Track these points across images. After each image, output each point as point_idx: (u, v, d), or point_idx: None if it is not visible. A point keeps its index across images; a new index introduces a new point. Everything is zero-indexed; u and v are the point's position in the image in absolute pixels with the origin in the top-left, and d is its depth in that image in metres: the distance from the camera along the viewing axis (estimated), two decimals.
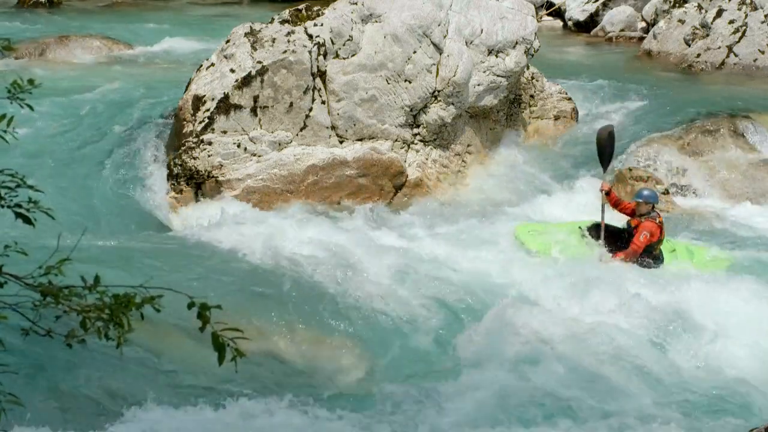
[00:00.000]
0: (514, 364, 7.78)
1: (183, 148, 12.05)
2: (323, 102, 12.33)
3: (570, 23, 23.74)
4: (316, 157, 12.18)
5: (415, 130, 12.85)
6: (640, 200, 10.12)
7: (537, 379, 7.51)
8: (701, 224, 12.05)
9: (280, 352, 8.36)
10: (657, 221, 10.05)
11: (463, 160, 13.36)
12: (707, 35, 18.90)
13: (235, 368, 3.25)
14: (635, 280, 9.65)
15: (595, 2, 23.37)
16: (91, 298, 3.37)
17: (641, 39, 21.21)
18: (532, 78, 14.57)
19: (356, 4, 12.73)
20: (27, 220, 3.52)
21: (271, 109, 12.10)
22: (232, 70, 12.18)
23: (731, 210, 12.75)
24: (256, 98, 12.07)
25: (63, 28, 20.41)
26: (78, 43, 18.57)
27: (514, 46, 13.60)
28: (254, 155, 12.02)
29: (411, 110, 12.69)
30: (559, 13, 24.37)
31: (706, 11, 19.28)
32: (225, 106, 12.04)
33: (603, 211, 10.18)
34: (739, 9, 18.94)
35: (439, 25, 12.93)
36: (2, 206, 3.57)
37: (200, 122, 12.05)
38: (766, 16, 18.71)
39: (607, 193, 10.27)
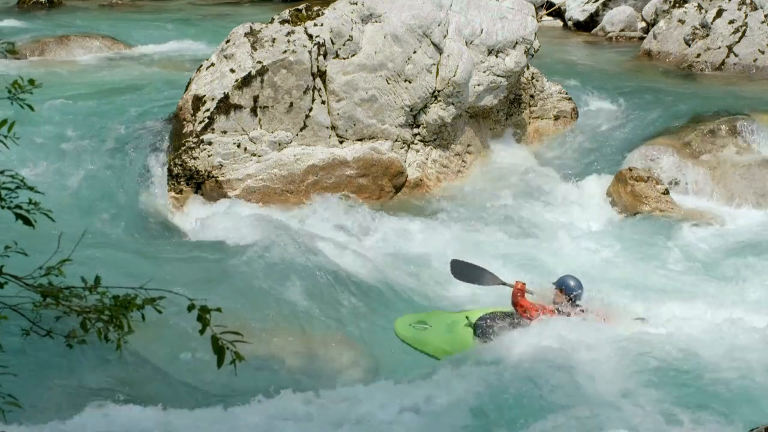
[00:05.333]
0: (516, 363, 7.78)
1: (183, 148, 12.05)
2: (323, 102, 12.33)
3: (570, 23, 23.74)
4: (316, 157, 12.18)
5: (415, 130, 12.86)
6: (556, 287, 8.39)
7: (535, 378, 7.50)
8: (701, 224, 12.05)
9: (280, 352, 8.36)
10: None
11: (463, 160, 13.36)
12: (707, 35, 18.90)
13: (235, 372, 3.24)
14: None
15: (595, 2, 23.37)
16: (91, 299, 3.37)
17: (641, 39, 21.20)
18: (532, 78, 14.57)
19: (356, 4, 12.73)
20: (27, 222, 3.52)
21: (271, 109, 12.10)
22: (232, 70, 12.18)
23: (731, 210, 12.75)
24: (256, 98, 12.07)
25: (63, 28, 20.40)
26: (78, 43, 18.56)
27: (514, 46, 13.61)
28: (254, 155, 12.02)
29: (411, 110, 12.69)
30: (559, 13, 24.37)
31: (706, 11, 19.28)
32: (225, 106, 12.04)
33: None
34: (739, 9, 18.93)
35: (439, 25, 12.93)
36: (2, 207, 3.57)
37: (200, 122, 12.05)
38: (766, 16, 18.70)
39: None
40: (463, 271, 8.87)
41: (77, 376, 6.92)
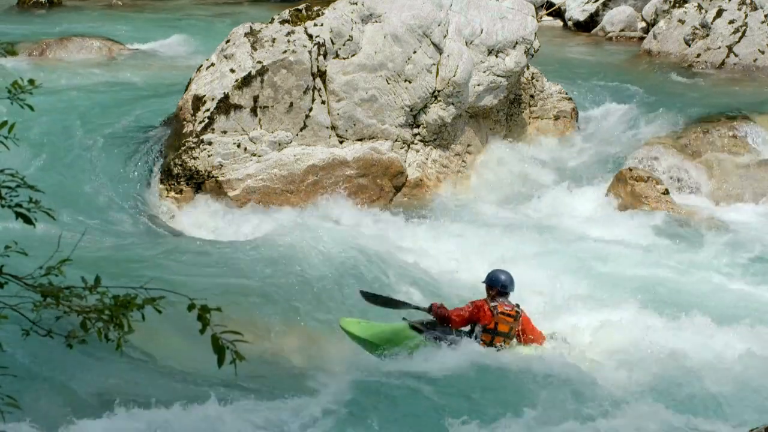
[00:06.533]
0: (515, 363, 7.77)
1: (183, 148, 12.05)
2: (323, 102, 12.33)
3: (570, 23, 23.74)
4: (316, 157, 12.18)
5: (415, 130, 12.85)
6: (485, 284, 8.11)
7: (534, 378, 7.50)
8: (700, 224, 12.05)
9: (280, 351, 8.36)
10: (491, 307, 7.90)
11: (463, 160, 13.36)
12: (707, 35, 18.90)
13: (235, 371, 3.24)
14: None
15: (595, 2, 23.37)
16: (91, 299, 3.36)
17: (641, 39, 21.20)
18: (532, 78, 14.57)
19: (356, 4, 12.73)
20: (27, 220, 3.52)
21: (271, 109, 12.11)
22: (232, 70, 12.18)
23: (731, 210, 12.75)
24: (256, 98, 12.08)
25: (63, 28, 20.40)
26: (78, 43, 18.54)
27: (514, 46, 13.60)
28: (254, 155, 12.02)
29: (411, 110, 12.69)
30: (559, 13, 24.36)
31: (706, 11, 19.28)
32: (225, 106, 12.04)
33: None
34: (739, 9, 18.93)
35: (439, 25, 12.93)
36: (3, 206, 3.56)
37: (200, 122, 12.05)
38: (766, 16, 18.70)
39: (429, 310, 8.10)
40: (373, 299, 8.50)
41: (77, 376, 6.91)
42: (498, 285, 8.00)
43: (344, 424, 6.69)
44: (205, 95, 12.15)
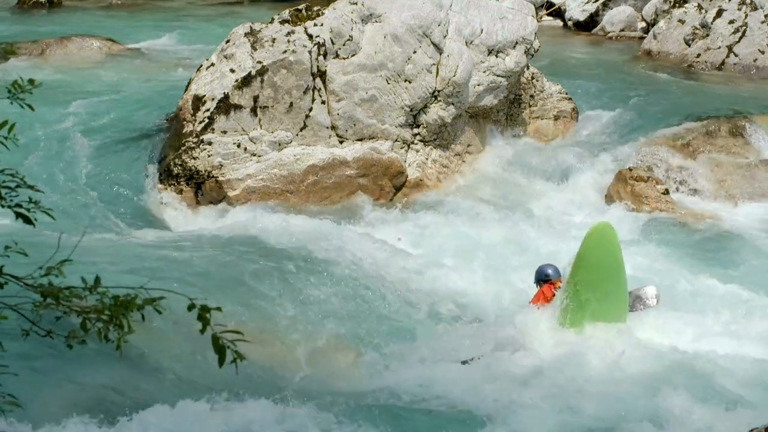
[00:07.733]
0: (514, 365, 7.78)
1: (183, 148, 12.05)
2: (323, 102, 12.33)
3: (570, 23, 23.76)
4: (316, 157, 12.18)
5: (415, 130, 12.85)
6: (543, 281, 9.03)
7: (534, 381, 7.50)
8: (700, 225, 12.05)
9: (280, 352, 8.35)
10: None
11: (463, 160, 13.36)
12: (707, 35, 18.91)
13: (236, 371, 3.24)
14: None
15: (595, 2, 23.38)
16: (91, 299, 3.36)
17: (641, 39, 21.23)
18: (532, 78, 14.57)
19: (356, 4, 12.73)
20: (27, 220, 3.52)
21: (271, 109, 12.11)
22: (232, 70, 12.18)
23: (730, 210, 12.75)
24: (256, 98, 12.08)
25: (63, 29, 20.40)
26: (78, 43, 18.55)
27: (514, 46, 13.61)
28: (254, 155, 12.02)
29: (411, 110, 12.69)
30: (559, 13, 24.38)
31: (706, 11, 19.28)
32: (225, 106, 12.04)
33: None
34: (739, 9, 18.95)
35: (439, 25, 12.93)
36: (2, 206, 3.56)
37: (200, 122, 12.05)
38: (766, 16, 18.71)
39: None
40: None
41: (77, 376, 6.91)
42: (543, 277, 8.92)
43: (344, 424, 6.69)
44: (205, 95, 12.16)
